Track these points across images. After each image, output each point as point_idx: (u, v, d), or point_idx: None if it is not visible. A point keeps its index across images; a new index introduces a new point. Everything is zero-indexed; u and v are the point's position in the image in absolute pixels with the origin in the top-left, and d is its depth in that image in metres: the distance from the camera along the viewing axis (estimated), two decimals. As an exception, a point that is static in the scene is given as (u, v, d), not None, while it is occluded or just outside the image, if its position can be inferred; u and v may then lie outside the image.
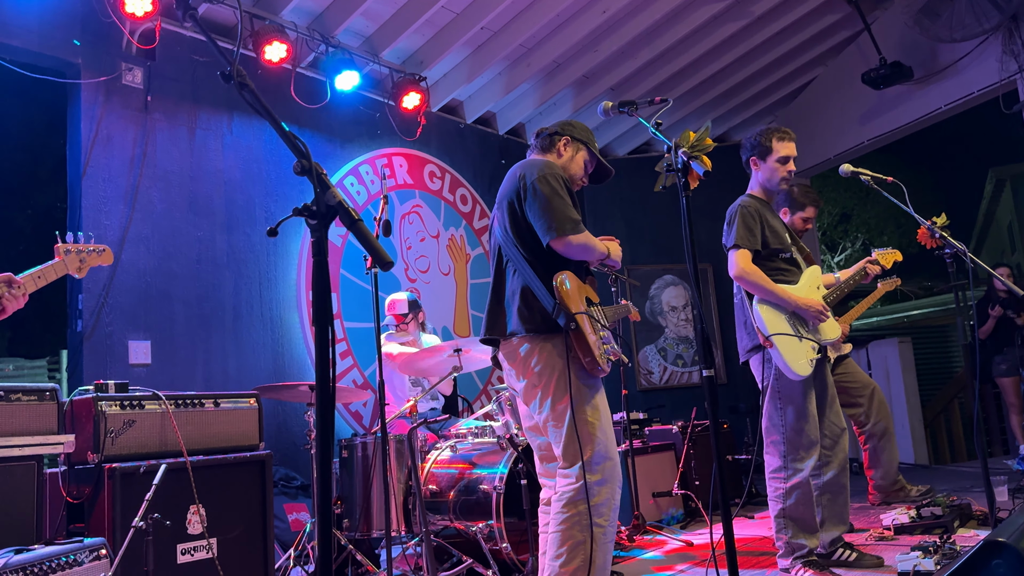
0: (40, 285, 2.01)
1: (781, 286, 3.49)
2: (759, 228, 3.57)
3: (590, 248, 2.83)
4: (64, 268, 2.19)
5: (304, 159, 1.43)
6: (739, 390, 8.21)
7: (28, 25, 4.49)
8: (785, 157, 3.67)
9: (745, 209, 3.61)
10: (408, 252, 6.49)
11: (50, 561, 2.61)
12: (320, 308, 1.40)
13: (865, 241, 19.59)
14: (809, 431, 3.42)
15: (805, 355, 3.41)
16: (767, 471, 3.54)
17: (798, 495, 3.39)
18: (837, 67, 7.99)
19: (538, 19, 5.98)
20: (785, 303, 3.46)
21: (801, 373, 3.36)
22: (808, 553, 3.39)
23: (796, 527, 3.40)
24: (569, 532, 2.62)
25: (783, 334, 3.39)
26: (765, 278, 3.47)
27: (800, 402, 3.42)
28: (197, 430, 3.58)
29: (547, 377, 2.72)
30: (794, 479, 3.41)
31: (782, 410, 3.46)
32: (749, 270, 3.48)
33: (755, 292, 3.49)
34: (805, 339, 3.44)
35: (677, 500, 5.39)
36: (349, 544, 3.97)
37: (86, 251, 2.28)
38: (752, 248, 3.52)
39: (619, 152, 8.68)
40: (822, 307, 3.49)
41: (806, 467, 3.40)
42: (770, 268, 3.55)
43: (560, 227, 2.73)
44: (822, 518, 3.58)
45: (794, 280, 3.59)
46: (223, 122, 5.39)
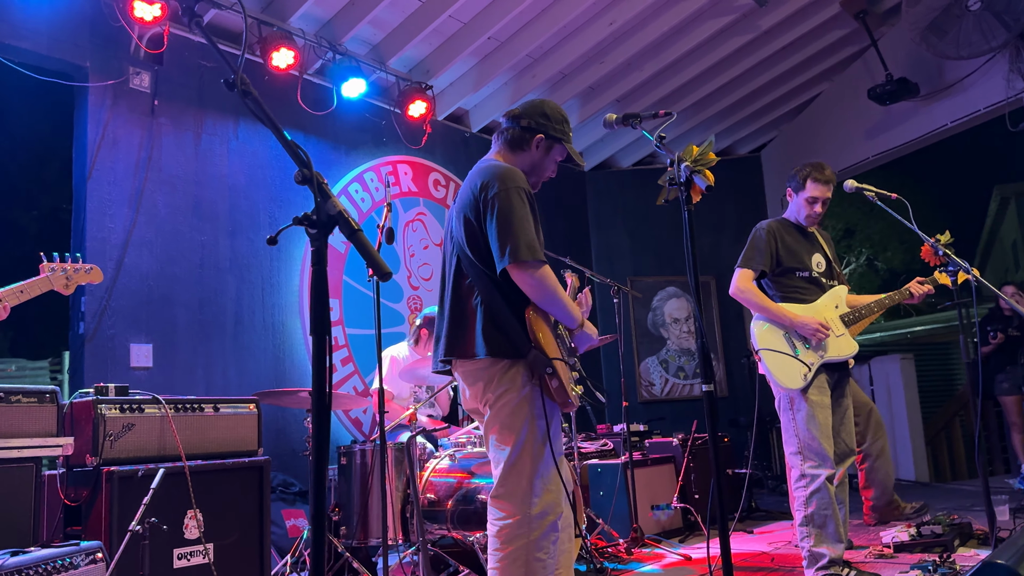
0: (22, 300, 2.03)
1: (779, 305, 3.66)
2: (769, 251, 3.73)
3: (548, 291, 2.51)
4: (48, 284, 2.20)
5: (305, 168, 1.43)
6: (740, 403, 8.19)
7: (37, 28, 4.51)
8: (813, 198, 3.81)
9: (758, 231, 3.80)
10: (411, 259, 6.50)
11: (46, 564, 2.61)
12: (318, 317, 1.40)
13: (869, 256, 19.56)
14: (822, 439, 3.50)
15: (798, 370, 3.56)
16: (791, 481, 3.64)
17: (818, 500, 3.45)
18: (843, 82, 7.99)
19: (545, 30, 6.00)
20: (780, 320, 3.62)
21: (788, 385, 3.54)
22: (830, 563, 3.41)
23: (818, 535, 3.45)
24: (507, 571, 2.44)
25: (771, 349, 3.60)
26: (761, 296, 3.67)
27: (809, 412, 3.52)
28: (196, 435, 3.58)
29: (507, 400, 2.51)
30: (812, 485, 3.48)
31: (793, 420, 3.57)
32: (744, 288, 3.68)
33: (752, 309, 3.70)
34: (799, 356, 3.57)
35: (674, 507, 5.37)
36: (346, 552, 3.96)
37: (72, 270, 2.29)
38: (755, 268, 3.70)
39: (623, 164, 8.69)
40: (818, 325, 3.58)
41: (823, 473, 3.47)
42: (785, 286, 3.73)
43: (516, 253, 2.46)
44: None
45: (811, 299, 3.71)
46: (229, 127, 5.40)
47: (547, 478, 2.49)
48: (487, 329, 2.52)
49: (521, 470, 2.48)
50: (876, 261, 19.30)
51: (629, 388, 8.04)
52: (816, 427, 3.50)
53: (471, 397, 2.64)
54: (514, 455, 2.49)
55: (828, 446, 3.50)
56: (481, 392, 2.57)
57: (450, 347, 2.60)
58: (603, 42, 6.39)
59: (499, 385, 2.52)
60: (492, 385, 2.54)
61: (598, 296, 8.19)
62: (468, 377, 2.61)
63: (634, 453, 5.19)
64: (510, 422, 2.51)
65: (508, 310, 2.52)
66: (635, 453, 5.34)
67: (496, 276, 2.54)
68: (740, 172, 8.79)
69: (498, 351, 2.50)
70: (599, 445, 5.66)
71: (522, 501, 2.46)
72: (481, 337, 2.51)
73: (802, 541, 3.49)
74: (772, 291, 3.77)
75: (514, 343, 2.49)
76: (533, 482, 2.47)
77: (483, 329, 2.52)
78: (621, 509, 4.99)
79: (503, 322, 2.51)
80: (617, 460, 5.26)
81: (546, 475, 2.49)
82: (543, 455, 2.50)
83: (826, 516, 3.44)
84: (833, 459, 3.52)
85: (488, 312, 2.54)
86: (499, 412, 2.53)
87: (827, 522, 3.44)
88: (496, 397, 2.53)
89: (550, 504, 2.48)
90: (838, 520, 3.46)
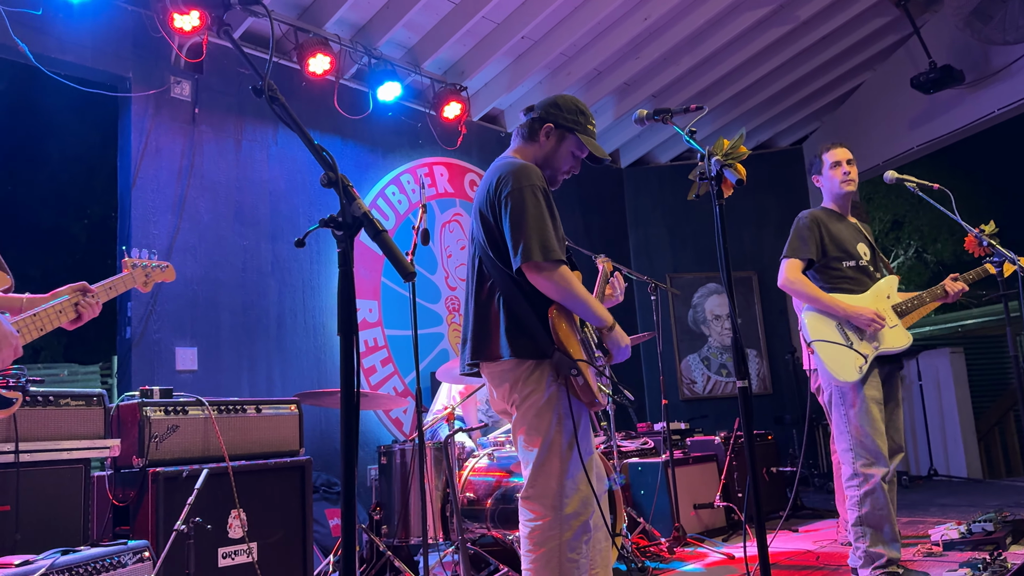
0: (111, 296, 2.09)
1: (831, 295, 3.52)
2: (815, 239, 3.61)
3: (565, 292, 2.45)
4: (132, 282, 2.26)
5: (330, 171, 1.45)
6: (784, 400, 8.07)
7: (82, 41, 4.63)
8: (836, 162, 3.73)
9: (801, 220, 3.69)
10: (448, 260, 6.53)
11: (95, 562, 2.68)
12: (345, 317, 1.42)
13: (918, 248, 19.11)
14: (875, 436, 3.40)
15: (853, 362, 3.41)
16: (843, 479, 3.53)
17: (872, 500, 3.36)
18: (885, 72, 7.83)
19: (579, 27, 5.98)
20: (834, 311, 3.48)
21: (843, 379, 3.39)
22: (887, 563, 3.34)
23: (873, 535, 3.37)
24: (540, 573, 2.43)
25: (826, 341, 3.43)
26: (812, 287, 3.54)
27: (862, 407, 3.42)
28: (239, 436, 3.65)
29: (533, 401, 2.50)
30: (866, 485, 3.38)
31: (845, 416, 3.46)
32: (794, 279, 3.55)
33: (801, 300, 3.57)
34: (854, 347, 3.43)
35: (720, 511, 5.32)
36: (388, 550, 3.99)
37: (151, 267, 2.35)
38: (803, 257, 3.59)
39: (661, 159, 8.63)
40: (873, 315, 3.45)
41: (877, 472, 3.37)
42: (832, 276, 3.61)
43: (528, 252, 2.42)
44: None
45: (860, 289, 3.59)
46: (268, 133, 5.49)
47: (577, 478, 2.47)
48: (510, 330, 2.50)
49: (550, 471, 2.46)
50: (925, 254, 18.84)
51: (669, 386, 7.98)
52: (870, 423, 3.39)
53: (499, 398, 2.63)
54: (542, 455, 2.48)
55: (882, 443, 3.39)
56: (508, 393, 2.56)
57: (476, 350, 2.58)
58: (638, 38, 6.35)
59: (525, 386, 2.51)
60: (518, 386, 2.52)
61: (636, 293, 8.15)
62: (494, 379, 2.60)
63: (675, 451, 5.15)
64: (536, 423, 2.49)
65: (530, 310, 2.49)
66: (676, 451, 5.30)
67: (517, 278, 2.51)
68: (781, 165, 8.67)
69: (522, 352, 2.47)
70: (639, 444, 5.62)
71: (552, 502, 2.44)
72: (505, 338, 2.49)
73: (856, 542, 3.40)
74: (820, 282, 3.64)
75: (538, 344, 2.47)
76: (563, 482, 2.45)
77: (507, 330, 2.50)
78: (663, 508, 4.95)
79: (525, 323, 2.49)
80: (658, 459, 5.22)
81: (576, 475, 2.47)
82: (572, 455, 2.47)
83: (881, 516, 3.34)
84: (887, 457, 3.41)
85: (510, 313, 2.52)
86: (525, 413, 2.52)
87: (882, 522, 3.35)
88: (522, 398, 2.52)
89: (582, 504, 2.46)
90: (893, 520, 3.37)
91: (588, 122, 2.72)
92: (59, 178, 11.67)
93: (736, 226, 8.36)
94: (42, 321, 1.76)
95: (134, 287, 2.29)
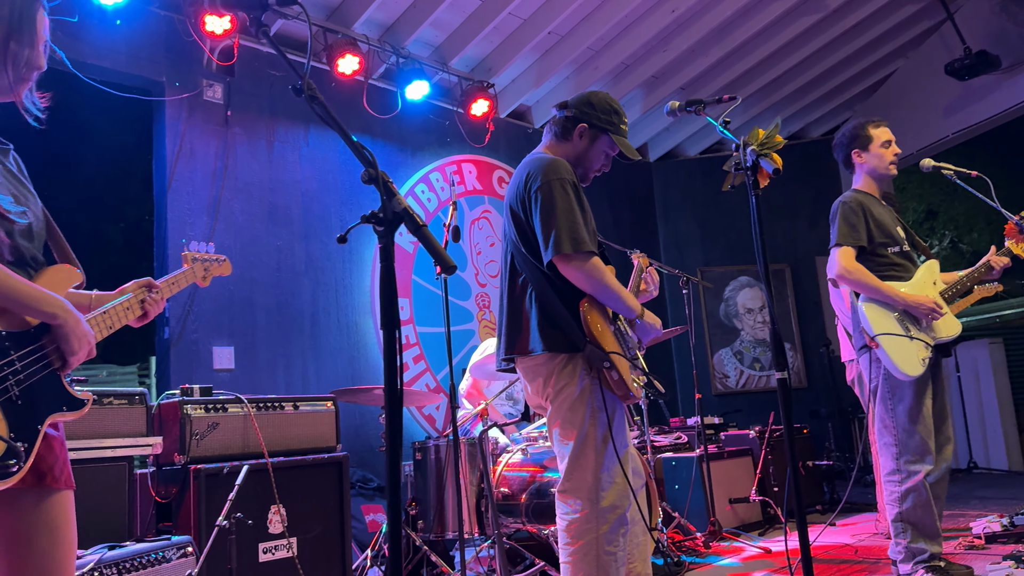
0: (174, 291, 2.10)
1: (889, 283, 3.36)
2: (863, 223, 3.43)
3: (597, 283, 2.47)
4: (193, 276, 2.26)
5: (371, 167, 1.46)
6: (820, 394, 7.99)
7: (116, 47, 4.71)
8: (887, 141, 3.58)
9: (846, 205, 3.49)
10: (478, 257, 6.55)
11: (141, 557, 2.74)
12: (387, 312, 1.43)
13: (953, 238, 18.79)
14: (923, 433, 3.30)
15: (916, 354, 3.28)
16: (882, 474, 3.44)
17: (914, 498, 3.28)
18: (919, 59, 7.71)
19: (606, 21, 5.96)
20: (893, 301, 3.33)
21: (911, 373, 3.25)
22: (930, 558, 3.27)
23: (915, 531, 3.29)
24: (578, 566, 2.43)
25: (890, 334, 3.27)
26: (870, 276, 3.35)
27: (912, 402, 3.30)
28: (277, 432, 3.70)
29: (567, 394, 2.51)
30: (909, 482, 3.29)
31: (893, 411, 3.34)
32: (852, 268, 3.36)
33: (860, 291, 3.38)
34: (916, 339, 3.31)
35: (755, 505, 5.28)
36: (424, 545, 4.02)
37: (210, 260, 2.35)
38: (855, 244, 3.40)
39: (691, 152, 8.57)
40: (934, 304, 3.33)
41: (921, 469, 3.28)
42: (880, 264, 3.43)
43: (559, 245, 2.43)
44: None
45: (907, 276, 3.45)
46: (300, 134, 5.55)
47: (612, 471, 2.47)
48: (542, 324, 2.50)
49: (585, 464, 2.47)
50: (961, 243, 18.51)
51: (702, 380, 7.92)
52: (920, 419, 3.29)
53: (533, 393, 2.64)
54: (577, 449, 2.48)
55: (930, 439, 3.30)
56: (541, 387, 2.57)
57: (510, 344, 2.60)
58: (666, 29, 6.31)
59: (558, 380, 2.52)
60: (551, 380, 2.53)
61: (667, 287, 8.11)
62: (528, 373, 2.61)
63: (710, 446, 5.12)
64: (571, 416, 2.50)
65: (561, 304, 2.50)
66: (711, 446, 5.27)
67: (548, 273, 2.52)
68: (813, 156, 8.57)
69: (555, 346, 2.49)
70: (672, 438, 5.60)
71: (588, 495, 2.45)
72: (537, 332, 2.50)
73: (897, 537, 3.33)
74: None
75: (569, 337, 2.48)
76: (598, 475, 2.45)
77: (539, 325, 2.51)
78: (698, 503, 4.93)
79: (557, 317, 2.50)
80: (692, 453, 5.20)
81: (611, 468, 2.47)
82: (606, 448, 2.47)
83: (923, 513, 3.27)
84: (934, 453, 3.32)
85: (542, 307, 2.52)
86: (560, 407, 2.53)
87: (924, 518, 3.27)
88: (556, 392, 2.53)
89: (618, 497, 2.46)
90: (934, 515, 3.29)
91: (621, 121, 2.74)
92: (94, 182, 11.86)
93: (768, 218, 8.29)
94: (111, 319, 1.78)
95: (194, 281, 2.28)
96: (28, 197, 1.72)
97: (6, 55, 1.61)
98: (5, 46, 1.61)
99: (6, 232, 1.59)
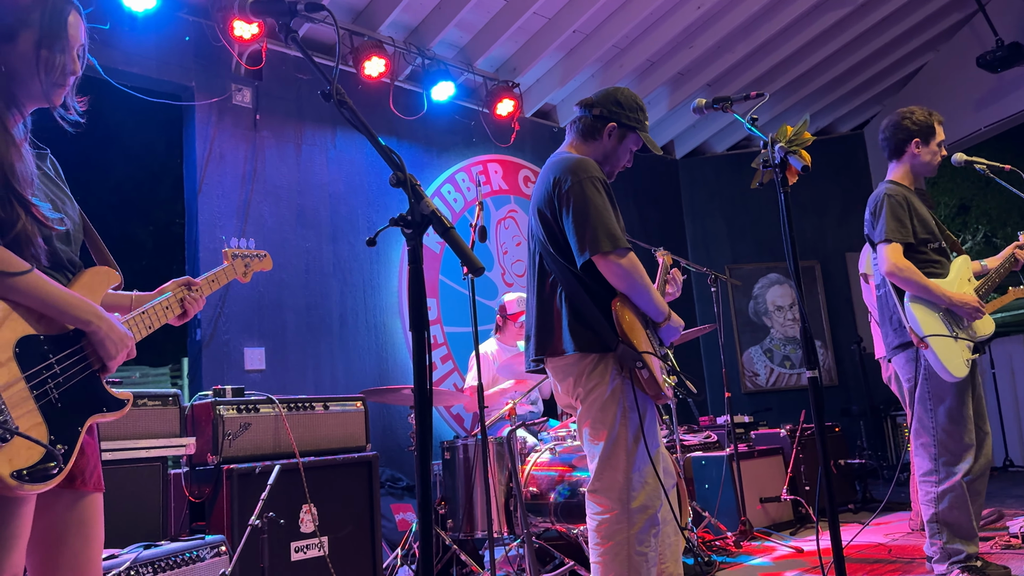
0: (214, 288, 2.09)
1: (935, 282, 3.28)
2: (908, 218, 3.34)
3: (635, 280, 2.47)
4: (233, 272, 2.23)
5: (399, 171, 1.48)
6: (851, 392, 7.90)
7: (146, 53, 4.78)
8: (942, 141, 3.51)
9: (892, 198, 3.36)
10: (504, 257, 6.56)
11: (175, 556, 2.78)
12: (416, 314, 1.44)
13: (986, 233, 18.48)
14: (963, 434, 3.24)
15: (961, 355, 3.22)
16: (917, 474, 3.38)
17: (951, 499, 3.23)
18: (949, 51, 7.59)
19: (631, 19, 5.94)
20: (939, 300, 3.25)
21: (958, 375, 3.18)
22: (967, 559, 3.22)
23: (951, 532, 3.24)
24: (609, 566, 2.42)
25: (939, 335, 3.20)
26: (919, 274, 3.26)
27: (952, 403, 3.24)
28: (308, 432, 3.73)
29: (598, 394, 2.51)
30: (947, 483, 3.24)
31: (932, 411, 3.28)
32: (902, 266, 3.26)
33: (908, 289, 3.28)
34: (961, 339, 3.25)
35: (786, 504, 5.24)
36: (453, 544, 4.04)
37: (250, 256, 2.32)
38: (904, 241, 3.30)
39: (717, 149, 8.51)
40: (978, 303, 3.28)
41: (959, 470, 3.23)
42: (920, 260, 3.33)
43: (596, 244, 2.44)
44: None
45: (944, 273, 3.36)
46: (327, 137, 5.59)
47: (644, 471, 2.46)
48: (573, 325, 2.50)
49: (616, 464, 2.46)
50: (995, 238, 18.19)
51: (732, 379, 7.86)
52: (962, 421, 3.23)
53: (563, 393, 2.63)
54: (607, 449, 2.48)
55: (970, 440, 3.24)
56: (572, 387, 2.57)
57: (540, 345, 2.60)
58: (691, 26, 6.27)
59: (589, 380, 2.51)
60: (582, 380, 2.53)
61: (695, 285, 8.06)
62: (558, 373, 2.61)
63: (740, 445, 5.09)
64: (601, 416, 2.50)
65: (592, 304, 2.49)
66: (741, 445, 5.23)
67: (578, 270, 2.52)
68: (842, 151, 8.48)
69: (585, 346, 2.48)
70: (702, 437, 5.57)
71: (619, 495, 2.44)
72: (568, 333, 2.50)
73: (932, 537, 3.29)
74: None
75: (601, 337, 2.47)
76: (629, 476, 2.45)
77: (569, 325, 2.51)
78: (728, 502, 4.90)
79: (588, 316, 2.49)
80: (722, 452, 5.17)
81: (643, 468, 2.46)
82: (637, 448, 2.46)
83: (959, 513, 3.22)
84: (973, 453, 3.25)
85: (572, 307, 2.52)
86: (590, 407, 2.52)
87: (960, 519, 3.22)
88: (587, 392, 2.52)
89: (649, 497, 2.45)
90: (971, 516, 3.24)
91: (646, 118, 2.74)
92: (125, 186, 12.05)
93: (797, 215, 8.13)
94: (150, 319, 1.81)
95: (235, 278, 2.26)
96: (65, 201, 1.76)
97: (38, 61, 1.63)
98: (36, 52, 1.63)
99: (44, 238, 1.62)
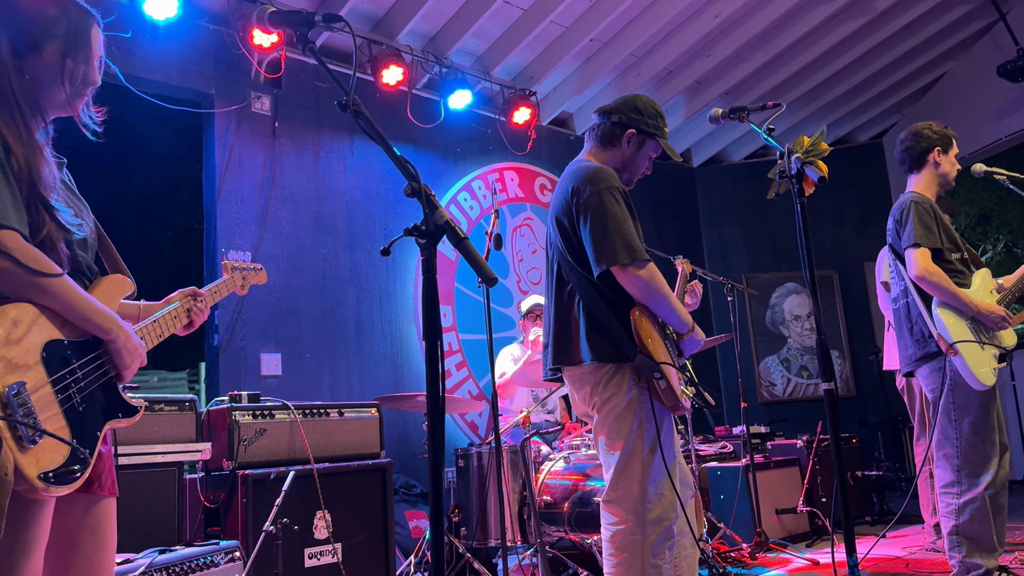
0: (216, 299, 2.16)
1: (963, 290, 3.26)
2: (936, 225, 3.32)
3: (655, 291, 2.45)
4: (233, 285, 2.32)
5: (414, 181, 1.49)
6: (869, 403, 7.83)
7: (167, 61, 4.84)
8: (958, 155, 3.53)
9: (919, 205, 3.35)
10: (520, 264, 6.56)
11: (190, 561, 2.79)
12: (430, 323, 1.45)
13: (1007, 243, 18.28)
14: (986, 445, 3.20)
15: (988, 363, 3.19)
16: (938, 485, 3.33)
17: (972, 510, 3.18)
18: (970, 60, 7.53)
19: (648, 27, 5.94)
20: (967, 308, 3.22)
21: (986, 383, 3.16)
22: (986, 573, 3.17)
23: (971, 545, 3.19)
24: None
25: (968, 341, 3.16)
26: (949, 280, 3.23)
27: (977, 414, 3.20)
28: (323, 438, 3.75)
29: (614, 404, 2.49)
30: (968, 494, 3.19)
31: (956, 422, 3.24)
32: (932, 270, 3.23)
33: (937, 295, 3.25)
34: (988, 346, 3.22)
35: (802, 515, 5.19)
36: (467, 552, 4.03)
37: (248, 269, 2.41)
38: (933, 247, 3.28)
39: (734, 158, 8.48)
40: (1004, 313, 3.25)
41: (982, 482, 3.18)
42: (946, 270, 3.30)
43: (613, 255, 2.42)
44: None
45: (967, 283, 3.34)
46: (345, 145, 5.63)
47: (660, 483, 2.44)
48: (590, 334, 2.49)
49: (631, 475, 2.45)
50: (1016, 248, 18.01)
51: (748, 389, 7.82)
52: (986, 432, 3.19)
53: (580, 402, 2.62)
54: (623, 459, 2.46)
55: (993, 453, 3.20)
56: (588, 396, 2.56)
57: (557, 354, 2.59)
58: (708, 35, 6.26)
59: (606, 389, 2.50)
60: (599, 389, 2.52)
61: (712, 294, 8.03)
62: (575, 382, 2.60)
63: (756, 456, 5.06)
64: (617, 426, 2.48)
65: (610, 313, 2.48)
66: (757, 456, 5.19)
67: (597, 283, 2.50)
68: (861, 160, 8.42)
69: (603, 356, 2.47)
70: (718, 448, 5.54)
71: (634, 506, 2.42)
72: (585, 342, 2.49)
73: (951, 550, 3.24)
74: None
75: (618, 347, 2.46)
76: (645, 487, 2.43)
77: (587, 334, 2.49)
78: (744, 513, 4.87)
79: (606, 326, 2.48)
80: (737, 463, 5.13)
81: (658, 480, 2.44)
82: (653, 460, 2.45)
83: (980, 526, 3.17)
84: (996, 465, 3.21)
85: (590, 317, 2.51)
86: (606, 416, 2.51)
87: (981, 532, 3.17)
88: (603, 401, 2.51)
89: (665, 509, 2.43)
90: (991, 529, 3.19)
91: (665, 124, 2.73)
92: (145, 192, 12.17)
93: (815, 224, 8.13)
94: (161, 328, 1.84)
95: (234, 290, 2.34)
96: (82, 210, 1.80)
97: (63, 71, 1.68)
98: (62, 63, 1.68)
99: (66, 243, 1.65)
